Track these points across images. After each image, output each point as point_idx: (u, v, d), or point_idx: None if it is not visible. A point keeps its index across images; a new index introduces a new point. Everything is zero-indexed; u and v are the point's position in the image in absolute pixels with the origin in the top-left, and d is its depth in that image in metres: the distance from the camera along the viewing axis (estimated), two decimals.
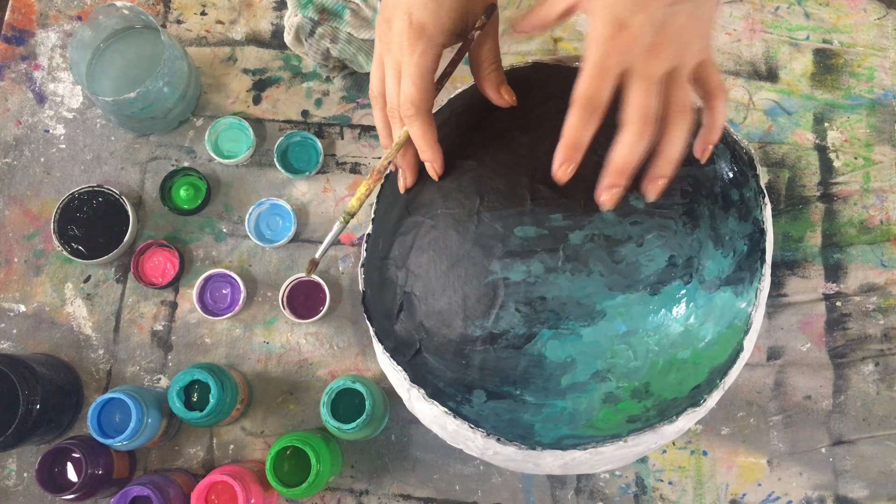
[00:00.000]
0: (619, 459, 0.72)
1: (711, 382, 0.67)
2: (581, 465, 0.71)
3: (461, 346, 0.65)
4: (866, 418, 1.00)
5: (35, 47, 1.10)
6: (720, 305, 0.64)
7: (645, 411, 0.66)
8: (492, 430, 0.68)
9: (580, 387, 0.64)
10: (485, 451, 0.71)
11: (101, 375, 1.02)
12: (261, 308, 1.04)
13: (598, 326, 0.62)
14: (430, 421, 0.73)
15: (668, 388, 0.65)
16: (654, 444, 0.71)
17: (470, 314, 0.64)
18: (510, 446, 0.69)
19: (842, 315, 1.02)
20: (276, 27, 1.10)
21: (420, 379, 0.69)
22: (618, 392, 0.64)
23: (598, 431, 0.67)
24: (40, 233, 1.05)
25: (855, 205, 1.05)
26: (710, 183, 0.65)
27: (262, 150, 1.07)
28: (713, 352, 0.66)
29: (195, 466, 1.00)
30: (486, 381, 0.65)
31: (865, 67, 1.08)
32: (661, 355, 0.63)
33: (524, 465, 0.73)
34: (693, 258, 0.63)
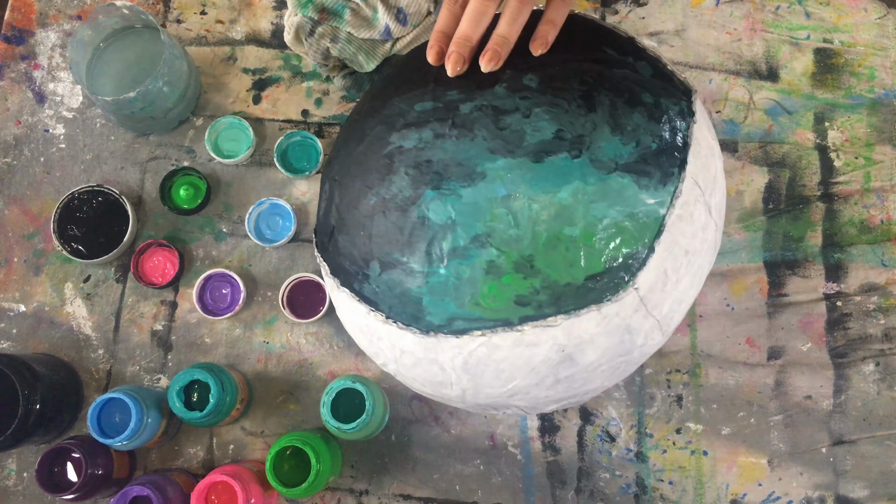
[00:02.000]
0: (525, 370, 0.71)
1: (615, 278, 0.67)
2: (483, 369, 0.71)
3: (362, 218, 0.71)
4: (867, 418, 1.00)
5: (35, 47, 1.11)
6: (616, 190, 0.66)
7: (534, 293, 0.66)
8: (389, 312, 0.71)
9: (461, 252, 0.66)
10: (394, 352, 0.74)
11: (101, 375, 1.03)
12: (261, 308, 1.04)
13: (477, 187, 0.66)
14: (351, 325, 0.78)
15: (556, 268, 0.66)
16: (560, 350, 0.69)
17: (370, 185, 0.71)
18: (407, 332, 0.71)
19: (842, 315, 1.03)
20: (276, 27, 1.11)
21: (336, 267, 0.75)
22: (499, 261, 0.66)
23: (485, 312, 0.67)
24: (40, 232, 1.06)
25: (856, 204, 1.05)
26: (617, 81, 0.69)
27: (261, 150, 1.08)
28: (609, 240, 0.66)
29: (195, 466, 1.01)
30: (379, 249, 0.70)
31: (866, 67, 1.09)
32: (545, 227, 0.65)
33: (431, 371, 0.73)
34: (584, 136, 0.66)
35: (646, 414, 1.01)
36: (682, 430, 1.01)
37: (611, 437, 1.00)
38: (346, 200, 0.73)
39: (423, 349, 0.71)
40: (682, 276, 0.71)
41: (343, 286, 0.74)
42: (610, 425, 1.01)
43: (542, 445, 1.00)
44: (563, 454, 1.00)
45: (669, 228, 0.68)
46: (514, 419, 1.00)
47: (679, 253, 0.69)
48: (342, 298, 0.76)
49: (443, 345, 0.70)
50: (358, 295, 0.73)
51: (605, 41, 0.73)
